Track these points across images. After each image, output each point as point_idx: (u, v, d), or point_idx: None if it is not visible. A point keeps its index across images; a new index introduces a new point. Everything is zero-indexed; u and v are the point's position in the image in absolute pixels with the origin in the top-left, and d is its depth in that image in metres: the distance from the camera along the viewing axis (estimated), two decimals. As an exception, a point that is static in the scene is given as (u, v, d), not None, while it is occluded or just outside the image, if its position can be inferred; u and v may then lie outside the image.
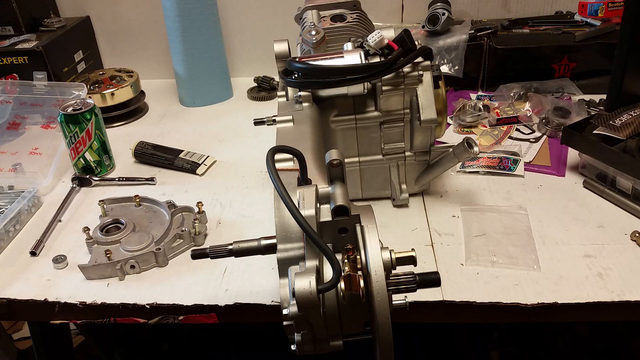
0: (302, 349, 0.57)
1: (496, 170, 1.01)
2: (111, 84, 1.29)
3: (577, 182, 0.97)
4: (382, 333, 0.50)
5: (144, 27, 1.47)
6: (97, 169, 1.09)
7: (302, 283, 0.49)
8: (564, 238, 0.85)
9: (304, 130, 0.75)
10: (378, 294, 0.50)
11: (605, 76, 1.10)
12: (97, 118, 1.05)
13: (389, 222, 0.90)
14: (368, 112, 0.88)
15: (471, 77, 1.29)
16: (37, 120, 1.19)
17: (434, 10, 1.27)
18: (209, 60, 1.34)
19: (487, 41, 1.24)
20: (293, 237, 0.56)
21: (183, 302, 0.78)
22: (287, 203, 0.52)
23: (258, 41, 1.45)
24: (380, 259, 0.51)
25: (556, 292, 0.75)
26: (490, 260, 0.81)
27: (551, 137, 1.11)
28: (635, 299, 0.73)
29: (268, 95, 1.38)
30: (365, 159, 0.92)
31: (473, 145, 0.82)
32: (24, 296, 0.81)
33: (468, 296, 0.75)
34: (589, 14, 1.27)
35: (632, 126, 0.92)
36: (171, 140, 1.19)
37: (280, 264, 0.56)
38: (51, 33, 1.36)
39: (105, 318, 0.81)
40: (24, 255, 0.89)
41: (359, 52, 0.81)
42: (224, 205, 0.98)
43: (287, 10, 1.18)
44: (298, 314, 0.52)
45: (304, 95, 0.82)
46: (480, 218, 0.89)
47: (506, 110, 1.18)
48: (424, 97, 0.84)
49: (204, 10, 1.28)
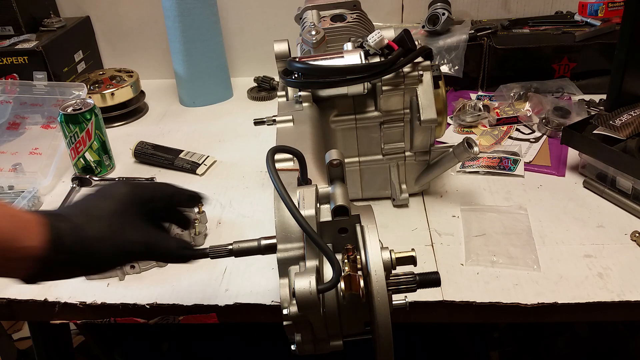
0: (302, 349, 0.57)
1: (496, 170, 1.01)
2: (111, 84, 1.29)
3: (577, 182, 0.97)
4: (382, 333, 0.50)
5: (144, 27, 1.47)
6: (97, 169, 1.09)
7: (302, 283, 0.49)
8: (564, 238, 0.85)
9: (304, 130, 0.75)
10: (378, 294, 0.50)
11: (605, 76, 1.10)
12: (97, 118, 1.05)
13: (389, 222, 0.90)
14: (368, 112, 0.88)
15: (471, 77, 1.29)
16: (37, 120, 1.19)
17: (434, 10, 1.27)
18: (209, 60, 1.34)
19: (487, 41, 1.24)
20: (293, 237, 0.56)
21: (183, 302, 0.78)
22: (287, 203, 0.52)
23: (258, 41, 1.45)
24: (380, 259, 0.51)
25: (556, 292, 0.75)
26: (490, 260, 0.81)
27: (551, 137, 1.11)
28: (635, 299, 0.73)
29: (268, 95, 1.38)
30: (365, 159, 0.92)
31: (473, 145, 0.82)
32: (24, 296, 0.81)
33: (468, 296, 0.75)
34: (589, 14, 1.27)
35: (632, 126, 0.92)
36: (171, 140, 1.19)
37: (280, 264, 0.56)
38: (51, 33, 1.36)
39: (105, 318, 0.81)
40: (24, 255, 0.89)
41: (359, 52, 0.81)
42: (224, 205, 0.98)
43: (287, 10, 1.18)
44: (298, 314, 0.52)
45: (304, 95, 0.82)
46: (480, 218, 0.89)
47: (506, 110, 1.18)
48: (424, 97, 0.84)
49: (204, 10, 1.28)
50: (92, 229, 0.53)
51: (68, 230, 0.51)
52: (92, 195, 0.58)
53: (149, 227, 0.59)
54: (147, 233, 0.58)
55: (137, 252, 0.57)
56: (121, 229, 0.55)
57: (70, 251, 0.51)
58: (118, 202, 0.56)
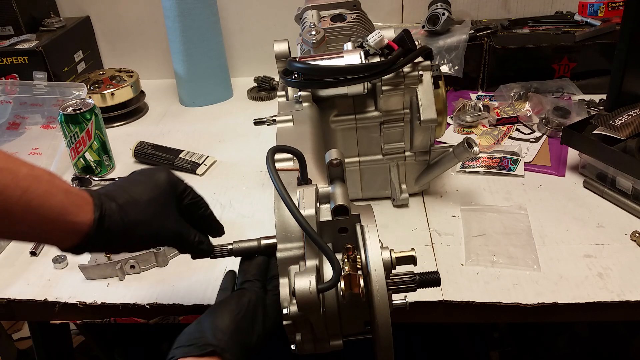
0: (302, 349, 0.57)
1: (496, 170, 1.01)
2: (111, 84, 1.29)
3: (577, 182, 0.97)
4: (382, 332, 0.50)
5: (144, 27, 1.47)
6: (97, 169, 1.09)
7: (302, 282, 0.49)
8: (564, 238, 0.85)
9: (304, 130, 0.75)
10: (378, 293, 0.50)
11: (605, 76, 1.10)
12: (97, 118, 1.05)
13: (389, 222, 0.90)
14: (368, 112, 0.88)
15: (471, 77, 1.29)
16: (37, 120, 1.19)
17: (434, 10, 1.27)
18: (209, 60, 1.34)
19: (487, 41, 1.24)
20: (293, 236, 0.56)
21: (183, 302, 0.78)
22: (287, 202, 0.52)
23: (258, 41, 1.45)
24: (380, 259, 0.51)
25: (556, 292, 0.75)
26: (490, 260, 0.81)
27: (551, 137, 1.11)
28: (635, 299, 0.73)
29: (268, 95, 1.38)
30: (365, 159, 0.92)
31: (473, 145, 0.82)
32: (24, 296, 0.81)
33: (468, 296, 0.75)
34: (589, 14, 1.27)
35: (632, 126, 0.92)
36: (171, 140, 1.19)
37: (280, 263, 0.56)
38: (51, 33, 1.36)
39: (105, 318, 0.81)
40: (24, 255, 0.89)
41: (359, 52, 0.81)
42: (224, 205, 0.98)
43: (287, 10, 1.18)
44: (298, 313, 0.52)
45: (304, 95, 0.82)
46: (480, 218, 0.89)
47: (506, 110, 1.18)
48: (424, 97, 0.84)
49: (204, 10, 1.28)
50: (134, 212, 0.57)
51: (113, 210, 0.55)
52: (135, 177, 0.61)
53: (180, 217, 0.62)
54: (179, 223, 0.61)
55: (169, 238, 0.60)
56: (159, 215, 0.58)
57: (112, 230, 0.55)
58: (158, 189, 0.60)
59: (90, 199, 0.54)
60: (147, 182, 0.60)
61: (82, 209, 0.53)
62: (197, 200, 0.65)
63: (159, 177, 0.61)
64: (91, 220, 0.53)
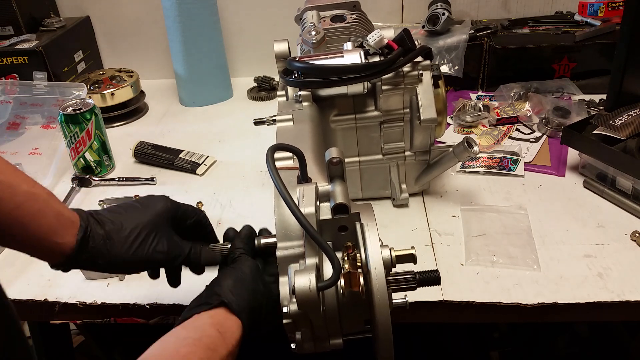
0: (302, 348, 0.57)
1: (496, 170, 1.01)
2: (111, 84, 1.29)
3: (577, 182, 0.97)
4: (382, 331, 0.50)
5: (144, 27, 1.47)
6: (97, 169, 1.09)
7: (302, 281, 0.49)
8: (564, 238, 0.85)
9: (304, 130, 0.75)
10: (378, 291, 0.50)
11: (605, 76, 1.10)
12: (97, 118, 1.05)
13: (389, 222, 0.90)
14: (368, 112, 0.88)
15: (471, 77, 1.29)
16: (37, 120, 1.19)
17: (434, 10, 1.27)
18: (209, 60, 1.34)
19: (487, 41, 1.24)
20: (293, 235, 0.56)
21: (183, 302, 0.78)
22: (287, 201, 0.52)
23: (258, 41, 1.45)
24: (380, 257, 0.51)
25: (556, 292, 0.75)
26: (490, 260, 0.81)
27: (551, 137, 1.11)
28: (635, 299, 0.73)
29: (268, 95, 1.38)
30: (365, 158, 0.92)
31: (473, 145, 0.82)
32: (24, 296, 0.81)
33: (468, 296, 0.75)
34: (589, 14, 1.27)
35: (632, 126, 0.92)
36: (171, 140, 1.19)
37: (280, 262, 0.56)
38: (51, 33, 1.36)
39: (105, 318, 0.80)
40: (24, 255, 0.88)
41: (359, 52, 0.81)
42: (224, 205, 0.98)
43: (287, 11, 1.18)
44: (298, 311, 0.52)
45: (304, 94, 0.82)
46: (480, 218, 0.89)
47: (506, 110, 1.18)
48: (424, 96, 0.84)
49: (204, 10, 1.28)
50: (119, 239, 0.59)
51: (99, 235, 0.58)
52: (132, 204, 0.63)
53: (172, 236, 0.63)
54: (170, 242, 0.62)
55: (157, 260, 0.62)
56: (147, 240, 0.60)
57: (95, 254, 0.58)
58: (151, 215, 0.61)
59: (79, 223, 0.57)
60: (141, 209, 0.62)
61: (68, 232, 0.56)
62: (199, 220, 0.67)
63: (155, 204, 0.63)
64: (73, 243, 0.56)
